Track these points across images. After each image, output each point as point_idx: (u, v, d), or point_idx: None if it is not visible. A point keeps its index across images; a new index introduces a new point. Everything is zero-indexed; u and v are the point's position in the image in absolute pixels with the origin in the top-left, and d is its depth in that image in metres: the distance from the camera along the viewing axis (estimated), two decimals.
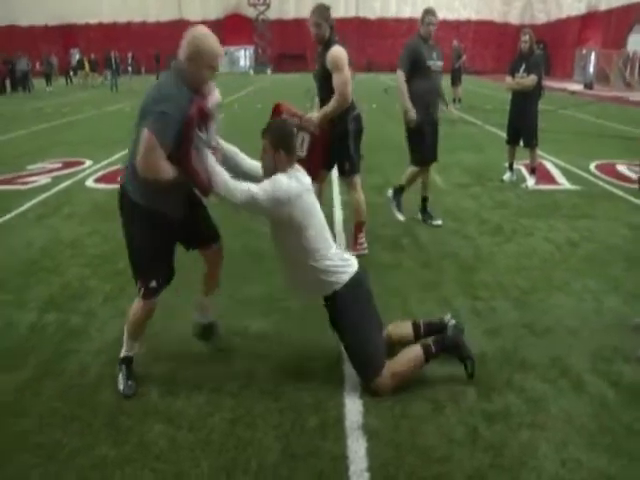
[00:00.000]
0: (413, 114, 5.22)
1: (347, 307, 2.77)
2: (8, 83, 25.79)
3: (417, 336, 3.06)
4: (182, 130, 2.51)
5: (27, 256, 4.73)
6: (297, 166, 2.83)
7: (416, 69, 5.11)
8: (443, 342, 2.86)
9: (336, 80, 4.18)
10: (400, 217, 5.43)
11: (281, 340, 3.28)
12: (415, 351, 2.81)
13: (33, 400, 2.74)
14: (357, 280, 2.80)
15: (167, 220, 2.72)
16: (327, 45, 4.28)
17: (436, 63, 5.17)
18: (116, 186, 7.67)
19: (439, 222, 5.50)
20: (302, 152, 4.19)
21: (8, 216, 5.91)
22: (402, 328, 3.09)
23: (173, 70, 2.65)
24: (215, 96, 2.77)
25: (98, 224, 5.59)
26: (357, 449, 2.35)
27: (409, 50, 5.19)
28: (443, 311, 3.51)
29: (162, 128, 2.47)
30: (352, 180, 4.66)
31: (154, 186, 2.59)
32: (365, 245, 4.73)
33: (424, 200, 5.70)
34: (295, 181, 2.70)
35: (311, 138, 4.18)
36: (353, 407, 2.64)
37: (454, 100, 16.72)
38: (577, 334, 3.34)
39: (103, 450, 2.37)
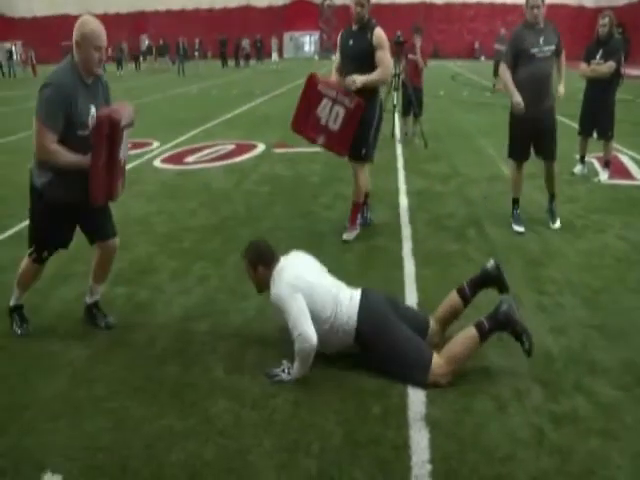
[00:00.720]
0: (517, 98, 4.72)
1: (371, 334, 2.80)
2: None
3: (464, 298, 3.06)
4: (93, 130, 2.77)
5: None
6: (280, 261, 2.96)
7: (520, 58, 4.77)
8: (496, 317, 2.75)
9: (383, 56, 4.39)
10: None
11: None
12: (469, 331, 2.76)
13: (104, 368, 2.87)
14: (367, 304, 2.87)
15: (62, 206, 2.94)
16: (366, 25, 4.47)
17: (542, 49, 4.70)
18: (183, 167, 7.87)
19: (555, 225, 5.05)
20: (335, 126, 4.18)
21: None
22: (448, 301, 3.08)
23: (68, 58, 2.87)
24: (129, 113, 2.95)
25: (165, 203, 5.77)
26: (419, 440, 2.33)
27: (510, 40, 4.99)
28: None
29: (46, 112, 2.71)
30: (363, 166, 4.65)
31: (51, 170, 2.85)
32: (358, 228, 4.77)
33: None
34: (284, 278, 2.81)
35: (345, 113, 4.17)
36: (416, 397, 2.61)
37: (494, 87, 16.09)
38: None
39: (168, 421, 2.46)
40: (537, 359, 2.93)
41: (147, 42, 36.11)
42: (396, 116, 9.26)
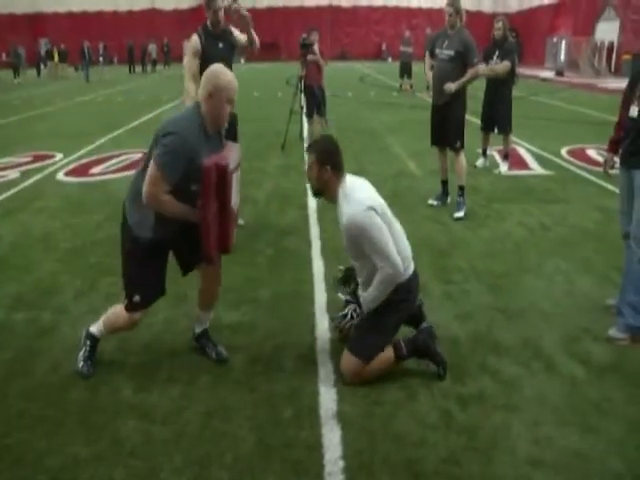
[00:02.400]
0: (429, 79, 5.64)
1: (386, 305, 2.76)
2: None
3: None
4: (200, 180, 2.50)
5: None
6: (346, 177, 2.79)
7: (434, 56, 5.47)
8: (415, 344, 2.81)
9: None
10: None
11: (253, 331, 3.27)
12: (386, 351, 2.76)
13: (1, 401, 2.66)
14: (413, 285, 2.85)
15: (155, 243, 2.69)
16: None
17: (442, 52, 5.29)
18: (88, 179, 7.51)
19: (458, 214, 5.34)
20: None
21: None
22: None
23: (193, 106, 2.65)
24: (236, 155, 2.75)
25: (69, 218, 5.49)
26: (332, 437, 2.35)
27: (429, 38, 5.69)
28: None
29: (167, 162, 2.48)
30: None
31: (152, 215, 2.62)
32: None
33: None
34: (360, 205, 2.64)
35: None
36: (327, 396, 2.64)
37: (427, 87, 16.74)
38: (549, 316, 3.39)
39: (75, 449, 2.33)
40: (445, 345, 3.04)
41: (47, 46, 34.10)
42: (303, 118, 9.33)
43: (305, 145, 8.80)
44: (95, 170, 7.46)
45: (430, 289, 3.77)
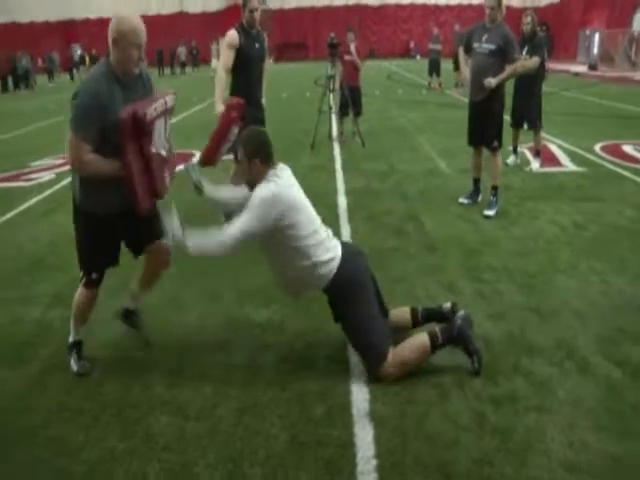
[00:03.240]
0: (465, 75, 5.45)
1: (346, 294, 2.76)
2: (10, 81, 25.76)
3: (415, 322, 3.05)
4: (118, 133, 2.54)
5: (33, 252, 4.75)
6: (280, 165, 2.83)
7: (469, 50, 5.32)
8: (451, 332, 2.79)
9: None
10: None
11: (283, 329, 3.29)
12: (421, 339, 2.77)
13: (41, 395, 2.75)
14: (349, 262, 2.79)
15: (103, 219, 2.76)
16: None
17: (482, 45, 5.10)
18: None
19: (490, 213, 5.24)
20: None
21: (13, 212, 5.93)
22: (400, 314, 3.07)
23: (102, 60, 2.70)
24: (164, 100, 2.79)
25: None
26: (364, 436, 2.35)
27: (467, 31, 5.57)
28: (447, 296, 3.52)
29: (79, 122, 2.53)
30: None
31: (89, 184, 2.68)
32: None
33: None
34: (273, 185, 2.69)
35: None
36: (359, 394, 2.63)
37: (456, 84, 16.59)
38: (583, 316, 3.32)
39: (111, 443, 2.38)
40: None
41: (79, 52, 34.90)
42: (332, 117, 9.33)
43: (335, 145, 8.82)
44: None
45: (461, 288, 3.74)
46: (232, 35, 4.71)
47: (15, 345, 3.23)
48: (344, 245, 2.91)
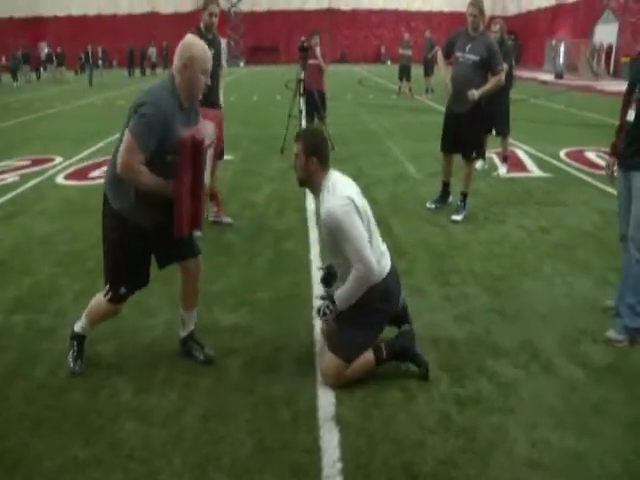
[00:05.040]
0: (447, 82, 5.28)
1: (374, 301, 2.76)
2: None
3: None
4: (175, 151, 2.51)
5: None
6: (331, 171, 2.79)
7: (449, 56, 5.28)
8: (393, 347, 2.81)
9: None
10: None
11: (251, 334, 3.27)
12: (366, 354, 2.76)
13: (1, 403, 2.67)
14: (394, 276, 2.85)
15: (141, 230, 2.69)
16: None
17: (464, 56, 5.03)
18: (87, 182, 7.51)
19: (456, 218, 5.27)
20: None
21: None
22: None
23: (168, 77, 2.66)
24: (210, 132, 2.78)
25: (69, 221, 5.49)
26: (330, 440, 2.35)
27: (448, 35, 5.40)
28: (415, 299, 3.55)
29: (142, 131, 2.48)
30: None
31: (132, 193, 2.60)
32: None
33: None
34: (342, 199, 2.63)
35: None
36: (325, 398, 2.64)
37: (426, 90, 16.81)
38: (547, 318, 3.40)
39: (73, 451, 2.33)
40: (443, 347, 3.08)
41: (47, 50, 34.13)
42: (302, 122, 9.34)
43: None
44: (94, 174, 7.46)
45: (428, 291, 3.78)
46: None
47: None
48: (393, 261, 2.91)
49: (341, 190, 2.67)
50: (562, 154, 8.20)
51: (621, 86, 4.35)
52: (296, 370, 2.87)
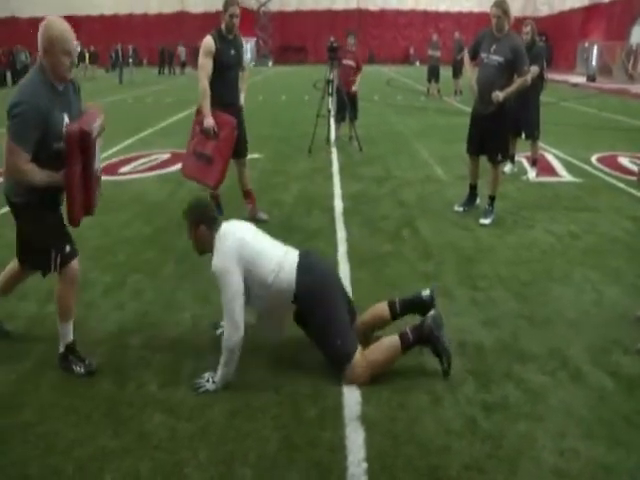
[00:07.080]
0: (472, 83, 5.26)
1: (310, 301, 2.81)
2: (9, 76, 25.65)
3: (393, 313, 3.05)
4: (63, 140, 2.57)
5: None
6: (221, 226, 2.87)
7: (475, 57, 5.23)
8: (421, 330, 2.78)
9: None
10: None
11: None
12: (392, 340, 2.78)
13: (33, 392, 2.74)
14: (307, 270, 2.83)
15: (42, 200, 2.75)
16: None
17: (490, 57, 4.97)
18: (117, 178, 7.61)
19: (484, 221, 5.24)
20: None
21: (6, 209, 5.89)
22: (377, 308, 3.08)
23: (36, 67, 2.68)
24: (99, 121, 2.82)
25: (99, 216, 5.47)
26: (355, 439, 2.36)
27: (475, 36, 5.37)
28: (442, 302, 3.51)
29: (19, 131, 2.53)
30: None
31: (27, 191, 2.68)
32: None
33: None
34: (225, 240, 2.75)
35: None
36: (351, 397, 2.64)
37: (455, 92, 16.67)
38: (576, 326, 3.34)
39: (102, 441, 2.38)
40: (470, 352, 3.05)
41: (79, 48, 34.88)
42: (331, 121, 9.36)
43: (332, 149, 8.84)
44: (124, 169, 7.59)
45: (456, 295, 3.75)
46: (207, 42, 4.77)
47: (9, 341, 3.22)
48: (302, 254, 2.94)
49: (226, 245, 2.74)
50: (593, 159, 8.05)
51: None
52: (322, 368, 2.87)
